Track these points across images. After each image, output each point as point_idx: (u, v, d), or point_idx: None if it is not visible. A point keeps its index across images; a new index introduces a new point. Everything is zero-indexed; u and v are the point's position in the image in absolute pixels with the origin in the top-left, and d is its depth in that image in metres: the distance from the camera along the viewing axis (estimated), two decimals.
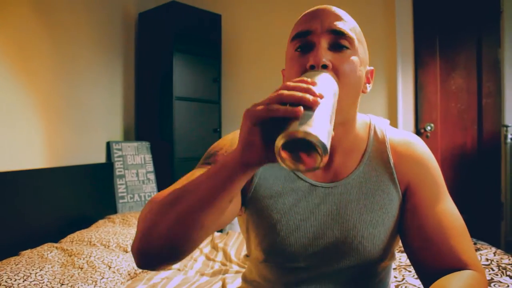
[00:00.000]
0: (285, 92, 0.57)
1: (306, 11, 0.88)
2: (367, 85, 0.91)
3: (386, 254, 0.93)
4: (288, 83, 0.60)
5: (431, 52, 3.29)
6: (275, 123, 0.56)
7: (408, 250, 0.90)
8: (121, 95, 3.58)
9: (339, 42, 0.82)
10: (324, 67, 0.78)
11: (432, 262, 0.84)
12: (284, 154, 0.55)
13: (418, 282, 1.76)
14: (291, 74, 0.84)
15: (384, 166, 0.93)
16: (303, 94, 0.57)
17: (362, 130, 0.95)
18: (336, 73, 0.80)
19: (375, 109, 3.19)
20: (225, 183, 0.63)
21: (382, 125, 0.98)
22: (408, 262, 2.06)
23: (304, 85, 0.59)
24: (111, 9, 3.47)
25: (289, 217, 0.90)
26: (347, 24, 0.85)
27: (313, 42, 0.82)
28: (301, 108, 0.54)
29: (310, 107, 0.56)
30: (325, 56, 0.79)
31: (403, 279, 1.84)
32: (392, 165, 0.93)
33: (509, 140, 3.00)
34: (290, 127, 0.53)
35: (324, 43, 0.81)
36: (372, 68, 0.94)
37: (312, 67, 0.78)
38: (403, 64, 3.28)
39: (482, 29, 3.16)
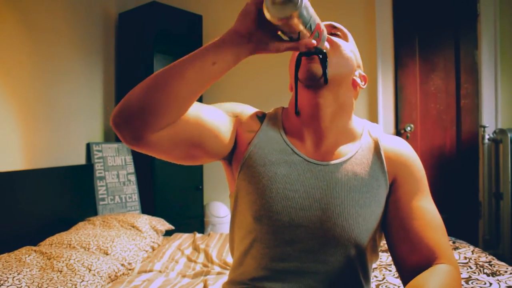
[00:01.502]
0: None
1: None
2: (361, 82, 1.03)
3: (370, 242, 0.95)
4: None
5: (410, 54, 3.33)
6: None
7: (390, 244, 0.95)
8: (101, 96, 3.54)
9: (334, 31, 1.00)
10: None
11: (409, 255, 0.89)
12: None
13: (398, 281, 1.78)
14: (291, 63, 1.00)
15: (375, 156, 0.98)
16: None
17: (357, 125, 1.04)
18: (329, 43, 0.94)
19: (356, 110, 3.20)
20: (214, 48, 0.77)
21: (375, 127, 1.06)
22: (388, 261, 2.09)
23: None
24: (91, 9, 3.43)
25: (278, 185, 0.93)
26: (342, 27, 1.03)
27: None
28: None
29: None
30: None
31: (384, 278, 1.86)
32: (382, 156, 0.98)
33: (486, 141, 3.06)
34: None
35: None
36: (365, 74, 1.06)
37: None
38: (383, 65, 3.32)
39: (460, 32, 3.21)
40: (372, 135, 1.03)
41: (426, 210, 0.92)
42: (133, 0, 3.81)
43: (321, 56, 0.89)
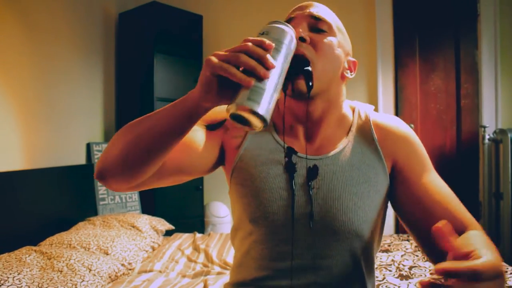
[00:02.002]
0: (243, 57, 0.63)
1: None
2: (349, 72, 0.98)
3: (373, 232, 0.94)
4: (249, 43, 0.65)
5: (410, 54, 3.33)
6: (230, 80, 0.64)
7: (409, 226, 0.94)
8: (102, 96, 3.54)
9: (317, 26, 0.91)
10: (302, 39, 0.86)
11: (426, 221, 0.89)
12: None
13: (398, 281, 1.78)
14: None
15: (368, 143, 0.96)
16: (256, 65, 0.63)
17: (347, 111, 1.01)
18: (314, 47, 0.88)
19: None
20: (181, 114, 0.72)
21: (366, 108, 1.03)
22: (389, 261, 2.09)
23: (261, 52, 0.64)
24: (91, 9, 3.43)
25: (272, 185, 0.92)
26: (326, 13, 0.94)
27: (295, 26, 0.90)
28: (253, 82, 0.63)
29: (261, 78, 0.64)
30: (304, 32, 0.87)
31: (384, 278, 1.86)
32: (376, 141, 0.96)
33: (486, 141, 3.06)
34: (239, 97, 0.63)
35: (304, 25, 0.90)
36: (354, 60, 0.99)
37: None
38: (383, 65, 3.32)
39: (460, 32, 3.21)
40: (362, 117, 1.00)
41: (439, 184, 0.92)
42: (133, 0, 3.80)
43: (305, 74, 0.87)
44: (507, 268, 1.81)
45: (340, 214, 0.89)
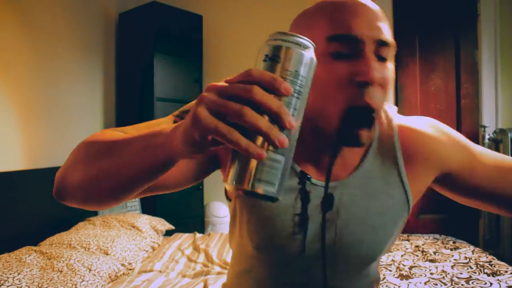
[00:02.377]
0: (248, 115, 0.42)
1: (340, 2, 0.73)
2: None
3: (380, 254, 0.88)
4: (256, 89, 0.43)
5: (411, 54, 3.33)
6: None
7: (486, 200, 0.89)
8: (102, 96, 3.54)
9: (382, 54, 0.71)
10: (366, 84, 0.69)
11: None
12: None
13: (398, 281, 1.78)
14: (330, 79, 0.71)
15: (390, 162, 0.84)
16: (269, 129, 0.42)
17: None
18: (380, 87, 0.71)
19: None
20: (153, 164, 0.57)
21: (389, 111, 0.88)
22: (389, 261, 2.09)
23: (275, 107, 0.43)
24: (91, 9, 3.43)
25: (283, 217, 0.80)
26: (388, 26, 0.74)
27: (360, 51, 0.70)
28: (265, 154, 0.43)
29: (276, 147, 0.44)
30: (374, 71, 0.68)
31: (384, 278, 1.86)
32: (399, 163, 0.84)
33: (486, 141, 3.06)
34: (244, 173, 0.46)
35: (371, 55, 0.70)
36: None
37: (364, 84, 0.69)
38: None
39: (460, 32, 3.21)
40: (385, 127, 0.86)
41: (489, 154, 0.89)
42: (133, 0, 3.80)
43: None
44: (507, 268, 1.81)
45: (354, 248, 0.82)
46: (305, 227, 0.80)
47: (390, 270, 1.93)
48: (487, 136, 3.06)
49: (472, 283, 1.66)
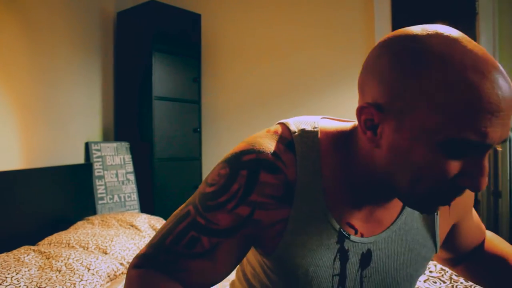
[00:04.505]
0: None
1: (495, 98, 0.53)
2: None
3: None
4: None
5: None
6: None
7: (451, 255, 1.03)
8: (100, 95, 3.53)
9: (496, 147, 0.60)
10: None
11: (468, 247, 1.00)
12: None
13: None
14: (438, 173, 0.59)
15: (426, 217, 0.81)
16: None
17: None
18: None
19: (352, 114, 3.21)
20: None
21: None
22: None
23: None
24: (89, 8, 3.42)
25: (322, 279, 0.75)
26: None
27: (481, 151, 0.58)
28: None
29: None
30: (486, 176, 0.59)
31: None
32: (436, 215, 0.81)
33: None
34: None
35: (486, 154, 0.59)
36: None
37: (463, 189, 0.61)
38: None
39: (458, 30, 3.21)
40: None
41: (475, 214, 1.01)
42: None
43: None
44: None
45: None
46: (344, 286, 0.76)
47: None
48: None
49: (467, 280, 1.66)
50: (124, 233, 2.45)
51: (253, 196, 0.70)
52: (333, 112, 2.83)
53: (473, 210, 0.96)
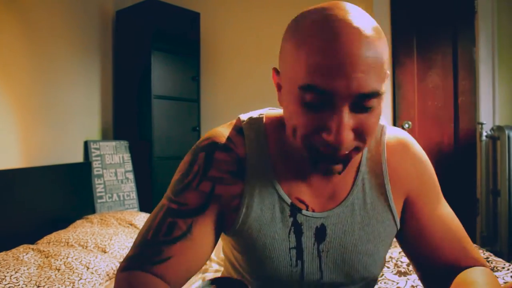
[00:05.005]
0: None
1: (323, 39, 0.63)
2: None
3: (381, 270, 0.91)
4: None
5: (408, 52, 3.33)
6: None
7: (413, 256, 0.88)
8: (99, 94, 3.53)
9: (365, 104, 0.65)
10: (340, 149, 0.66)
11: (445, 265, 0.83)
12: None
13: (396, 278, 1.79)
14: (302, 125, 0.68)
15: (379, 185, 0.84)
16: None
17: None
18: (361, 135, 0.68)
19: None
20: None
21: (378, 132, 0.87)
22: (386, 258, 2.08)
23: None
24: (88, 7, 3.42)
25: (279, 252, 0.81)
26: (378, 66, 0.64)
27: (333, 104, 0.65)
28: None
29: None
30: (350, 128, 0.65)
31: (382, 275, 1.86)
32: (386, 184, 0.84)
33: (484, 138, 3.06)
34: None
35: (347, 108, 0.65)
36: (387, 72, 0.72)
37: (330, 147, 0.67)
38: None
39: (458, 29, 3.21)
40: (373, 146, 0.86)
41: (449, 217, 0.86)
42: None
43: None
44: (504, 265, 1.82)
45: (351, 274, 0.84)
46: (301, 259, 0.82)
47: (388, 267, 1.93)
48: (484, 133, 3.06)
49: None
50: (123, 232, 2.45)
51: (212, 171, 0.80)
52: None
53: (449, 218, 0.87)
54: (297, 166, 0.82)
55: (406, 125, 3.28)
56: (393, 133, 0.88)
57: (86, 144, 3.27)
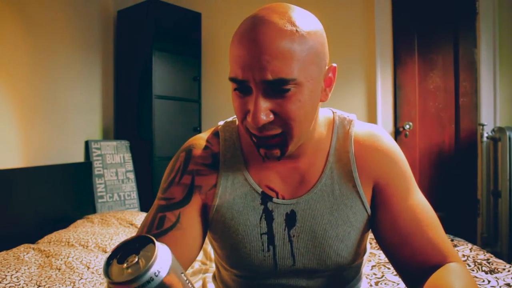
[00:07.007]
0: None
1: (239, 36, 0.77)
2: (328, 89, 0.83)
3: (356, 258, 0.92)
4: None
5: (409, 53, 3.33)
6: None
7: (385, 248, 0.88)
8: (100, 94, 3.53)
9: (280, 88, 0.72)
10: (265, 128, 0.75)
11: (413, 257, 0.83)
12: None
13: (397, 279, 1.78)
14: (236, 110, 0.81)
15: (346, 173, 0.89)
16: None
17: (324, 131, 0.91)
18: (283, 120, 0.75)
19: (354, 109, 3.21)
20: None
21: (346, 121, 0.93)
22: (386, 259, 2.09)
23: None
24: (90, 6, 3.42)
25: (251, 238, 0.88)
26: (292, 57, 0.71)
27: (251, 90, 0.75)
28: None
29: None
30: (265, 111, 0.73)
31: (383, 276, 1.86)
32: (354, 171, 0.88)
33: (485, 139, 3.06)
34: None
35: (260, 92, 0.73)
36: (333, 65, 0.84)
37: (255, 131, 0.77)
38: (382, 64, 3.32)
39: (459, 30, 3.21)
40: (341, 137, 0.91)
41: (419, 208, 0.85)
42: None
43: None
44: (505, 266, 1.82)
45: (324, 258, 0.88)
46: (273, 244, 0.88)
47: (389, 268, 1.93)
48: (485, 135, 3.06)
49: None
50: (124, 231, 2.45)
51: (190, 166, 0.90)
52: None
53: (429, 220, 0.86)
54: (263, 163, 0.90)
55: (407, 126, 3.28)
56: (364, 127, 0.93)
57: (87, 144, 3.27)
